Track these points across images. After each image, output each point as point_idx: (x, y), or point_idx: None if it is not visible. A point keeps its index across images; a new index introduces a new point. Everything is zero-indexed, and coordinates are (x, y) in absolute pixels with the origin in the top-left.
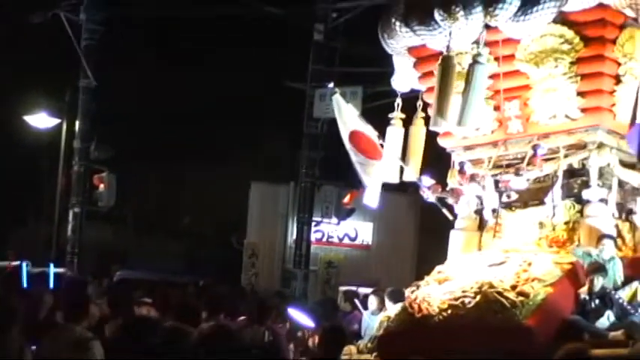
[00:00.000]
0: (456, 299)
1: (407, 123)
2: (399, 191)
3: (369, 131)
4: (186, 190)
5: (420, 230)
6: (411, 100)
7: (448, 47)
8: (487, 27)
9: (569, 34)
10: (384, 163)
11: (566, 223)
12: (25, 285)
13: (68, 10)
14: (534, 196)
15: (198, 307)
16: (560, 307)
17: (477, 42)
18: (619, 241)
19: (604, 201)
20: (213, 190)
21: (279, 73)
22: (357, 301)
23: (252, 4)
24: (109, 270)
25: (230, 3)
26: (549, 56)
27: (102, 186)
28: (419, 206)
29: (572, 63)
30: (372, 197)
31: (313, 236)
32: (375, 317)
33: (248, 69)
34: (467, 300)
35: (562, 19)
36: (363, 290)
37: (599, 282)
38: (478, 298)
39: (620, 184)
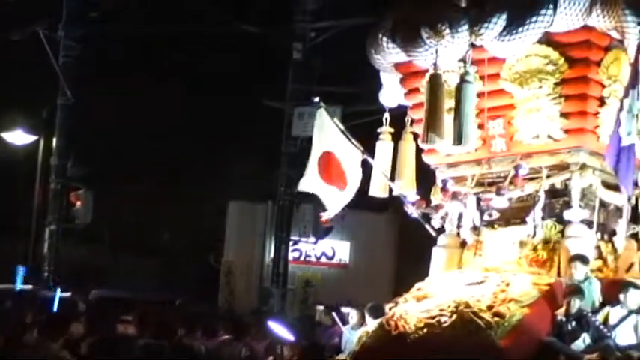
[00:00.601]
0: (433, 318)
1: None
2: (377, 210)
3: (347, 152)
4: (164, 208)
5: (398, 249)
6: (395, 117)
7: (435, 65)
8: (473, 46)
9: (554, 55)
10: (348, 193)
11: (547, 242)
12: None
13: (46, 27)
14: (516, 215)
15: (175, 325)
16: (536, 328)
17: (463, 60)
18: (600, 262)
19: (586, 222)
20: (191, 208)
21: (257, 91)
22: (335, 315)
23: (231, 23)
24: (86, 288)
25: (209, 21)
26: (534, 76)
27: (79, 203)
28: (396, 225)
29: (556, 84)
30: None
31: (291, 255)
32: (356, 332)
33: (227, 87)
34: (443, 319)
35: (547, 39)
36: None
37: (575, 304)
38: (454, 317)
39: (603, 204)
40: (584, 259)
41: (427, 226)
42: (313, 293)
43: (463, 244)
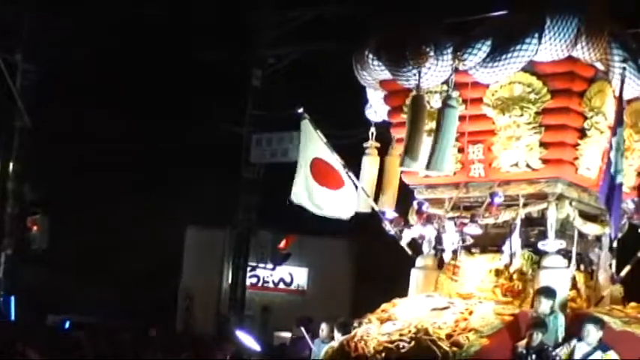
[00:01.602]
0: (392, 342)
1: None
2: (335, 237)
3: (334, 160)
4: (122, 233)
5: (356, 276)
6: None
7: (418, 87)
8: (456, 70)
9: (538, 84)
10: (347, 191)
11: (523, 273)
12: None
13: (5, 50)
14: (493, 241)
15: (134, 350)
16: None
17: (447, 83)
18: (573, 292)
19: (562, 252)
20: (149, 234)
21: (216, 117)
22: (303, 329)
23: (192, 48)
24: (44, 314)
25: (170, 47)
26: (516, 104)
27: (35, 228)
28: (354, 251)
29: (537, 113)
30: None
31: (249, 281)
32: (324, 345)
33: (186, 113)
34: (402, 344)
35: (532, 68)
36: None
37: (538, 337)
38: (413, 344)
39: (581, 234)
40: (548, 294)
41: (404, 245)
42: (272, 319)
43: (440, 266)
